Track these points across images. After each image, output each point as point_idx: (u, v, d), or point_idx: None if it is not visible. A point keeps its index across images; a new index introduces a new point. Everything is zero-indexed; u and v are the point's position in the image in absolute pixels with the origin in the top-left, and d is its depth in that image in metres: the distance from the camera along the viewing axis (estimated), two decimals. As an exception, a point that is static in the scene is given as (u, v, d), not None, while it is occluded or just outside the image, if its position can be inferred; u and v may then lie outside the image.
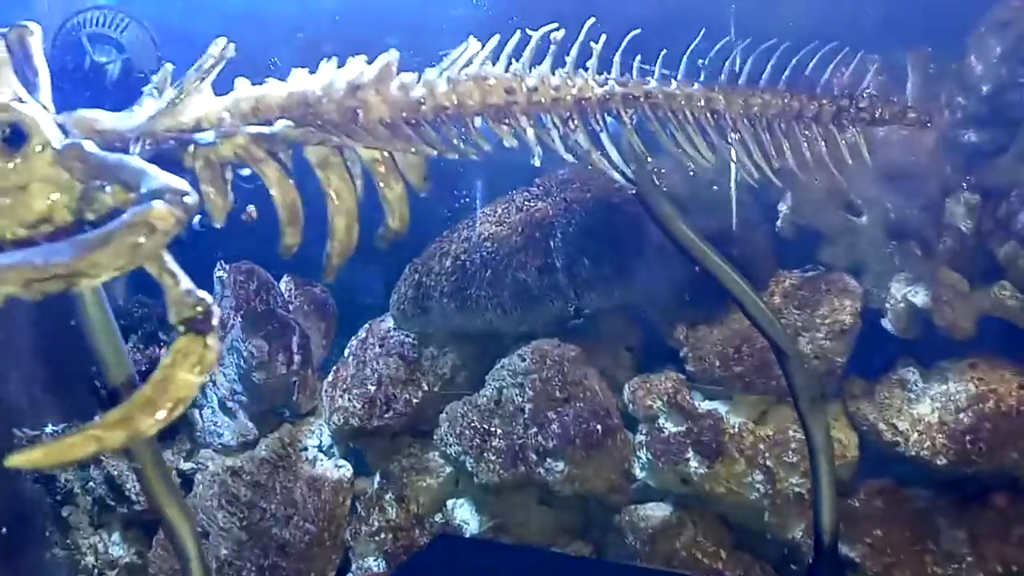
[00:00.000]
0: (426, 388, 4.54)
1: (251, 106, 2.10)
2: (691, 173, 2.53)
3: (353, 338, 4.78)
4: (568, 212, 4.29)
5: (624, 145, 2.46)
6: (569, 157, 2.38)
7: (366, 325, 4.79)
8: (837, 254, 4.30)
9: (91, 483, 4.67)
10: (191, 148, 2.00)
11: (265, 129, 2.03)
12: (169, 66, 2.14)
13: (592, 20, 2.46)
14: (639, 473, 4.28)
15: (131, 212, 1.58)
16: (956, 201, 3.93)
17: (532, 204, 4.40)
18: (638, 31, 2.53)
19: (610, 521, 4.38)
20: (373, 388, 4.51)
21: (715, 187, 4.09)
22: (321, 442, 4.67)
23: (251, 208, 4.88)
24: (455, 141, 2.30)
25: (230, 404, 4.62)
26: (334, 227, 2.17)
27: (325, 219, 2.30)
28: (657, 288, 4.26)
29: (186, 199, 1.61)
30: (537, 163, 2.37)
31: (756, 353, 4.12)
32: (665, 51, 2.56)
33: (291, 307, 4.77)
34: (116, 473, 4.56)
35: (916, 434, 3.96)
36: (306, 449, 4.60)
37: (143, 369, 4.34)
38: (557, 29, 2.39)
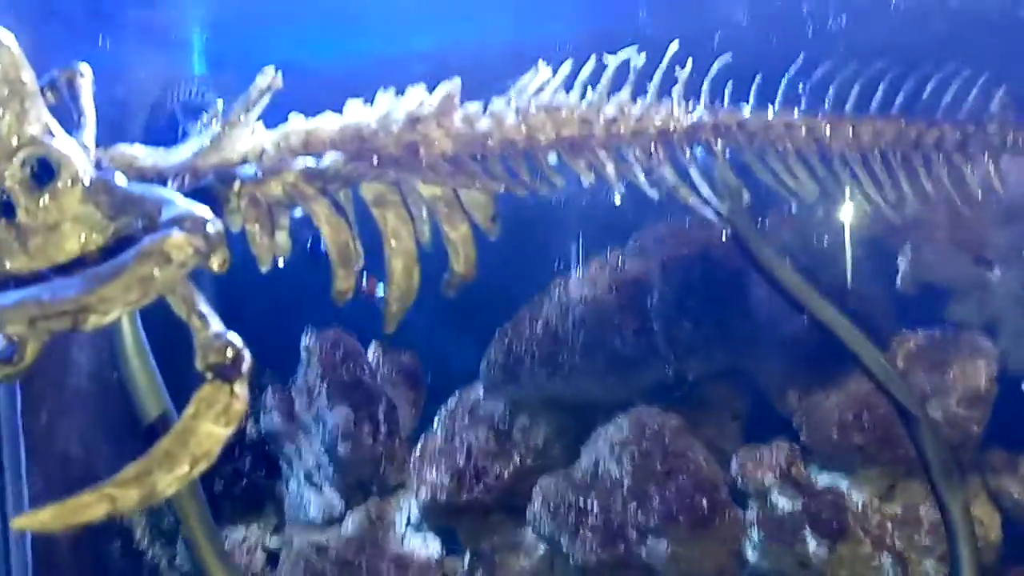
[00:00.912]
0: (518, 461, 4.27)
1: (301, 140, 1.95)
2: (792, 211, 2.24)
3: (442, 408, 4.57)
4: (665, 271, 4.02)
5: (716, 180, 2.21)
6: (654, 193, 2.14)
7: (455, 394, 4.57)
8: (968, 312, 3.90)
9: (177, 558, 4.54)
10: (235, 185, 1.85)
11: (314, 163, 1.86)
12: (220, 103, 2.00)
13: (676, 45, 2.23)
14: (750, 554, 3.88)
15: (145, 241, 1.41)
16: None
17: (627, 263, 4.15)
18: (728, 56, 2.28)
19: (720, 608, 3.98)
20: (462, 461, 4.27)
21: (825, 237, 3.78)
22: (409, 518, 4.43)
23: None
24: (525, 177, 2.09)
25: (316, 477, 4.45)
26: (392, 270, 1.98)
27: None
28: (765, 350, 3.93)
29: (208, 227, 1.44)
30: (618, 200, 2.13)
31: (879, 421, 3.72)
32: (760, 76, 2.31)
33: (379, 375, 4.61)
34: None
35: (1068, 512, 3.48)
36: (394, 525, 4.37)
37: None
38: (637, 54, 2.18)
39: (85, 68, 2.06)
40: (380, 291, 4.65)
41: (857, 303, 3.80)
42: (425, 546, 4.32)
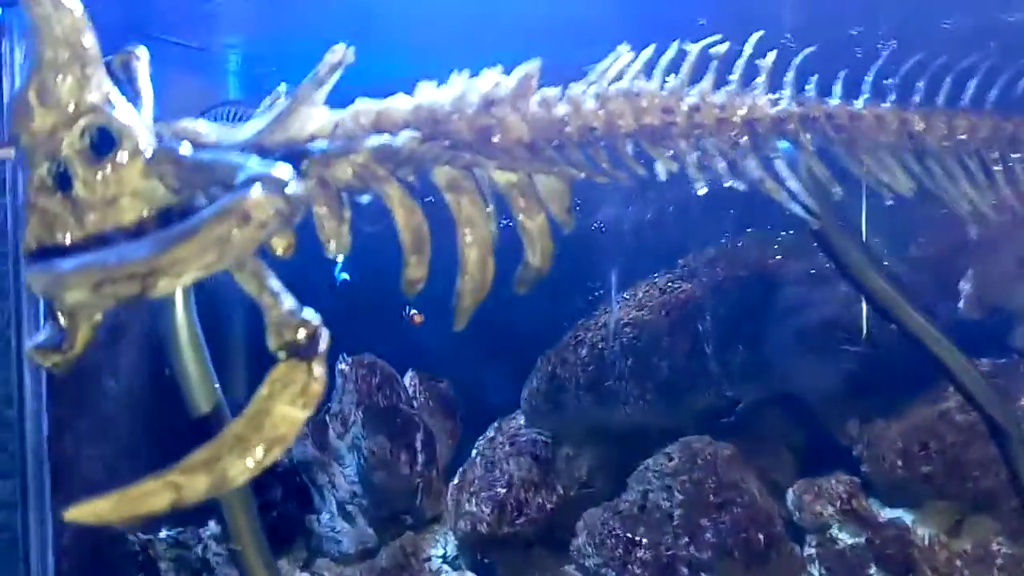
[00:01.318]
0: (561, 492, 4.10)
1: (371, 120, 1.83)
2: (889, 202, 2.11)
3: (481, 438, 4.40)
4: (718, 292, 3.88)
5: (802, 173, 2.08)
6: (740, 185, 2.01)
7: (495, 423, 4.42)
8: (1035, 338, 3.73)
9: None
10: (304, 163, 1.73)
11: (387, 140, 1.74)
12: (283, 86, 1.89)
13: (760, 33, 2.12)
14: (810, 592, 3.68)
15: (224, 199, 1.29)
16: None
17: (677, 286, 4.01)
18: (813, 48, 2.17)
19: (777, 650, 3.76)
20: (503, 491, 4.09)
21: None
22: (446, 552, 4.24)
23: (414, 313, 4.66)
24: (605, 164, 1.96)
25: (349, 508, 4.28)
26: (466, 260, 1.84)
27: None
28: (823, 375, 3.76)
29: (288, 189, 1.31)
30: (702, 191, 2.00)
31: (947, 450, 3.55)
32: (846, 71, 2.18)
33: (415, 404, 4.46)
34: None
35: None
36: (429, 560, 4.19)
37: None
38: (720, 42, 2.06)
39: (141, 50, 1.96)
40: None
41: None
42: (463, 581, 4.13)
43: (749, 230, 4.05)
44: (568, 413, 4.09)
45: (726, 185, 2.05)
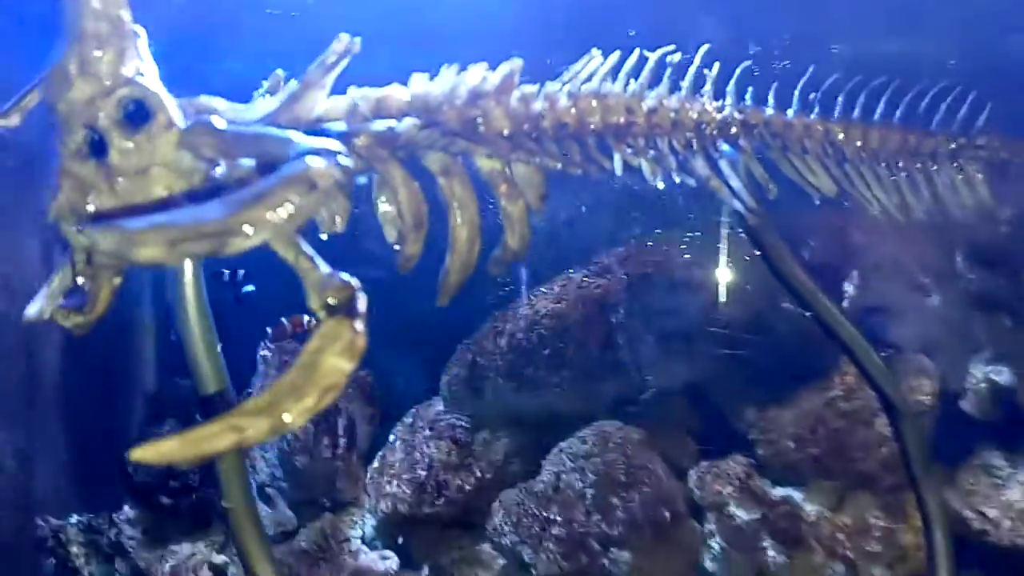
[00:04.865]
0: (479, 474, 4.29)
1: (371, 107, 1.98)
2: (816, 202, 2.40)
3: (398, 423, 4.55)
4: (631, 288, 4.16)
5: (742, 173, 2.35)
6: (691, 180, 2.26)
7: (412, 410, 4.57)
8: (907, 335, 4.15)
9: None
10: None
11: (392, 124, 1.90)
12: (280, 71, 2.02)
13: (707, 46, 2.38)
14: (709, 564, 3.99)
15: (287, 167, 1.43)
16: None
17: (592, 281, 4.27)
18: (749, 63, 2.44)
19: (678, 618, 4.06)
20: (423, 473, 4.25)
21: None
22: (364, 533, 4.37)
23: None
24: (576, 158, 2.18)
25: (269, 491, 4.35)
26: (455, 240, 2.02)
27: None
28: (724, 367, 4.08)
29: (340, 159, 1.47)
30: (660, 186, 2.24)
31: (832, 435, 3.92)
32: (777, 83, 2.47)
33: (335, 390, 4.56)
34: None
35: (1008, 521, 3.72)
36: (348, 540, 4.30)
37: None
38: (674, 52, 2.31)
39: (139, 29, 2.05)
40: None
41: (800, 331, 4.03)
42: (382, 560, 4.26)
43: (658, 231, 4.34)
44: (487, 399, 4.28)
45: (676, 181, 2.29)
